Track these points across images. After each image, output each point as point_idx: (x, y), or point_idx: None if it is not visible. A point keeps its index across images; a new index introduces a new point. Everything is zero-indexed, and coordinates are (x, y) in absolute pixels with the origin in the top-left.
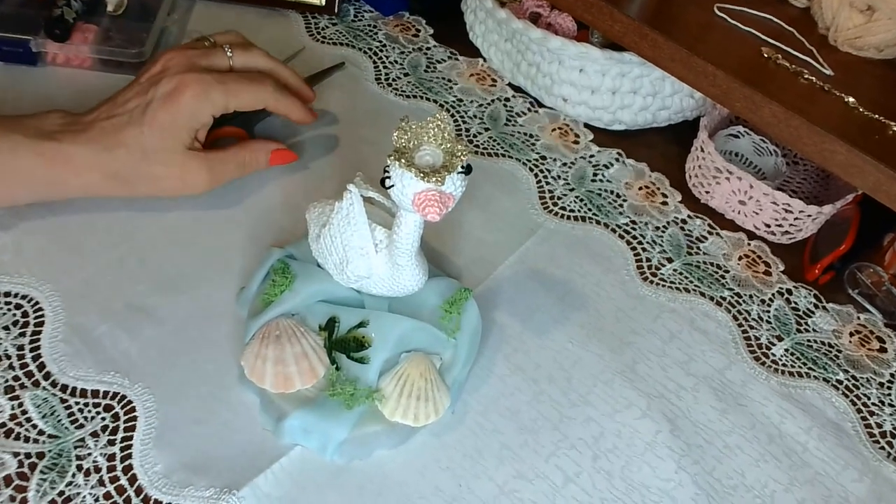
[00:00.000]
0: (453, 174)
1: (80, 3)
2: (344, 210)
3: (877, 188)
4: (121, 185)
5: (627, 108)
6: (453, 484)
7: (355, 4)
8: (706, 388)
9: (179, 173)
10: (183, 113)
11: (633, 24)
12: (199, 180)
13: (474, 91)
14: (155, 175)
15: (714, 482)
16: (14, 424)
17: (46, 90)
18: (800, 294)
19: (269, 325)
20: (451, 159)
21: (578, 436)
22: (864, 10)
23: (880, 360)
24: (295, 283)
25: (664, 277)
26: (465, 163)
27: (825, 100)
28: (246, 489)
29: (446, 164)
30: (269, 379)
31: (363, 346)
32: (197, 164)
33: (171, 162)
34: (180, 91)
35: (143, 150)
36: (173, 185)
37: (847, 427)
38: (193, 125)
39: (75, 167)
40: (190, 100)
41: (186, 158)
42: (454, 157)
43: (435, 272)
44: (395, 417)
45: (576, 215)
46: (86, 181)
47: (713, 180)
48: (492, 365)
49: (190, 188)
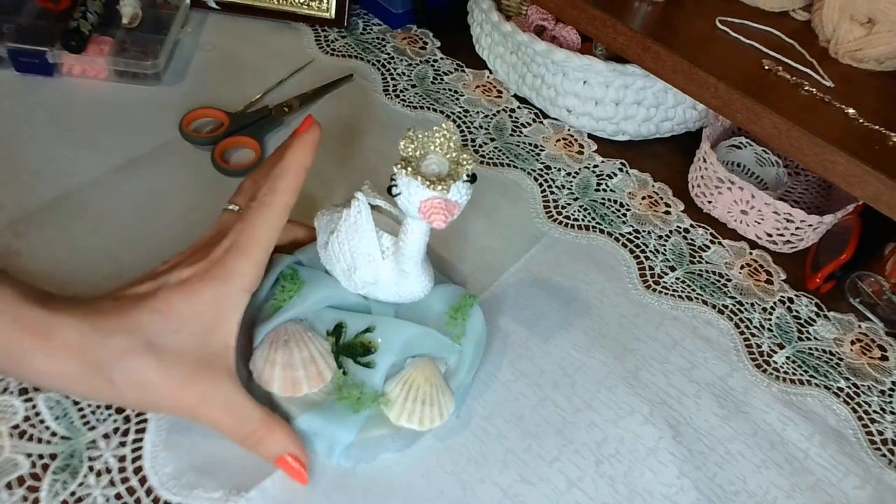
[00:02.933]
0: (458, 183)
1: (95, 16)
2: (352, 217)
3: (877, 198)
4: (99, 382)
5: (631, 119)
6: (457, 488)
7: (364, 18)
8: (708, 394)
9: (179, 390)
10: (206, 301)
11: (635, 37)
12: (199, 413)
13: (480, 102)
14: (149, 381)
15: (716, 488)
16: (27, 426)
17: (62, 101)
18: (801, 303)
19: (278, 330)
20: (457, 168)
21: (582, 441)
22: (865, 23)
23: (881, 369)
24: (304, 288)
25: (667, 286)
26: (471, 172)
27: (826, 111)
28: (254, 491)
29: (451, 173)
30: (278, 383)
31: (369, 351)
32: (208, 395)
33: (176, 370)
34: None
35: (149, 342)
36: (166, 403)
37: (848, 434)
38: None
39: (51, 343)
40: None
41: (198, 374)
42: (459, 166)
43: (441, 279)
44: (401, 421)
45: (580, 224)
46: (58, 368)
47: (715, 190)
48: (496, 370)
49: (184, 413)
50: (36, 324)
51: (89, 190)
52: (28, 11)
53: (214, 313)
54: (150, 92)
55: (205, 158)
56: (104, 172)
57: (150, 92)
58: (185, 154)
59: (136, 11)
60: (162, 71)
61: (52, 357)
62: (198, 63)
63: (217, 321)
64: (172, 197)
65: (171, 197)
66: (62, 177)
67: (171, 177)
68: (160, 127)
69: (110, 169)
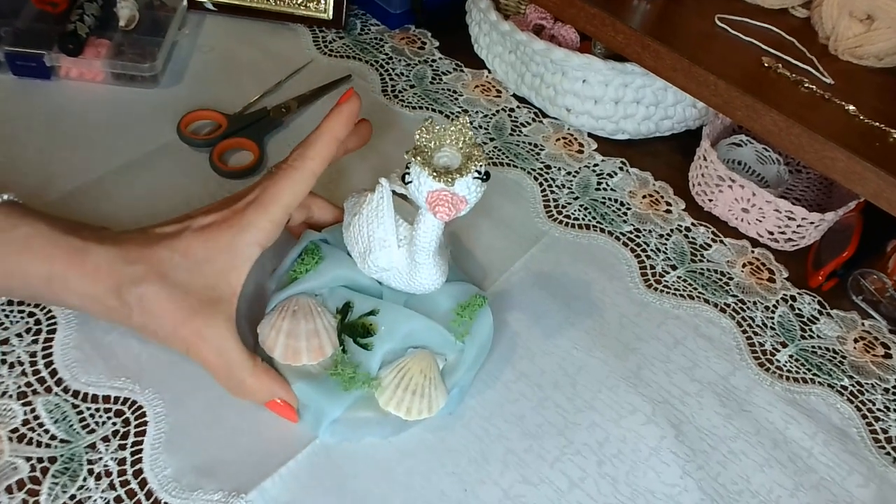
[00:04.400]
0: (467, 177)
1: (92, 19)
2: (374, 202)
3: (878, 195)
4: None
5: (630, 117)
6: (458, 489)
7: (362, 18)
8: (710, 393)
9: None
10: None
11: (634, 35)
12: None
13: (479, 102)
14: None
15: (719, 487)
16: (27, 429)
17: (60, 104)
18: (804, 301)
19: (289, 301)
20: (467, 163)
21: (583, 441)
22: (864, 20)
23: (885, 367)
24: (321, 264)
25: (668, 284)
26: (482, 168)
27: (826, 108)
28: (254, 492)
29: (461, 168)
30: (279, 350)
31: (370, 333)
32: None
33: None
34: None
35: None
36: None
37: (852, 432)
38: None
39: (84, 267)
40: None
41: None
42: (470, 161)
43: (460, 276)
44: (389, 407)
45: (580, 223)
46: (88, 285)
47: (716, 189)
48: (497, 371)
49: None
50: (72, 251)
51: (88, 193)
52: (26, 14)
53: (226, 260)
54: (147, 94)
55: (203, 160)
56: (102, 175)
57: (148, 94)
58: (183, 156)
59: (134, 14)
60: (160, 73)
61: (84, 279)
62: (195, 65)
63: (228, 268)
64: (171, 199)
65: (169, 199)
66: (60, 180)
67: (169, 179)
68: (158, 129)
69: (109, 171)
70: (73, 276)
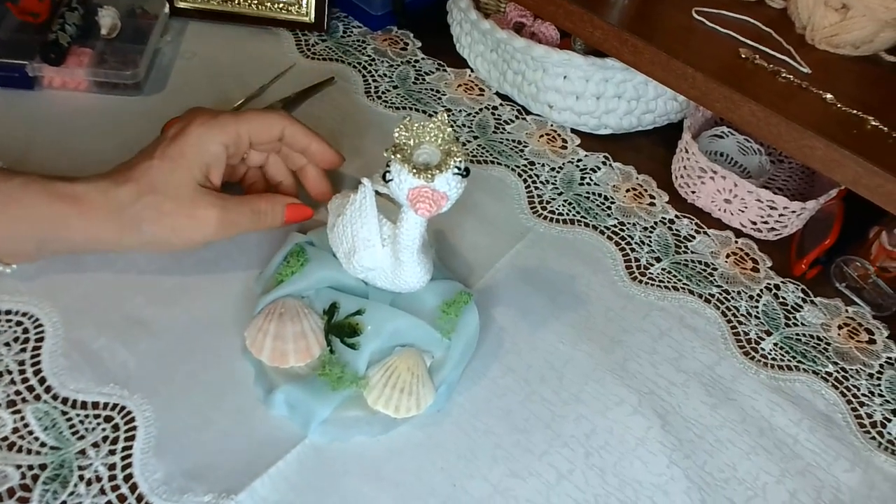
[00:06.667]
0: (447, 174)
1: (74, 28)
2: (357, 203)
3: (856, 181)
4: (126, 226)
5: (612, 112)
6: (448, 484)
7: (344, 21)
8: (696, 383)
9: (189, 210)
10: (191, 143)
11: (613, 31)
12: (210, 220)
13: (463, 101)
14: (163, 211)
15: (706, 475)
16: (16, 437)
17: (43, 113)
18: (787, 289)
19: (276, 303)
20: (447, 159)
21: (571, 434)
22: (840, 9)
23: (869, 352)
24: (307, 266)
25: (653, 277)
26: (461, 164)
27: (803, 97)
28: (244, 494)
29: (440, 164)
30: (267, 352)
31: (356, 333)
32: (209, 202)
33: (182, 196)
34: (188, 122)
35: (152, 184)
36: (182, 223)
37: (837, 418)
38: (204, 157)
39: (81, 206)
40: (198, 127)
41: (198, 194)
42: (449, 157)
43: (446, 275)
44: (377, 406)
45: (565, 218)
46: (90, 221)
47: (698, 180)
48: (484, 366)
49: (200, 230)
50: (66, 193)
51: None
52: (7, 25)
53: (197, 151)
54: (131, 102)
55: None
56: None
57: (132, 102)
58: None
59: (115, 22)
60: (143, 80)
61: (85, 219)
62: (179, 71)
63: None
64: None
65: None
66: None
67: None
68: (143, 136)
69: None
70: (72, 214)
